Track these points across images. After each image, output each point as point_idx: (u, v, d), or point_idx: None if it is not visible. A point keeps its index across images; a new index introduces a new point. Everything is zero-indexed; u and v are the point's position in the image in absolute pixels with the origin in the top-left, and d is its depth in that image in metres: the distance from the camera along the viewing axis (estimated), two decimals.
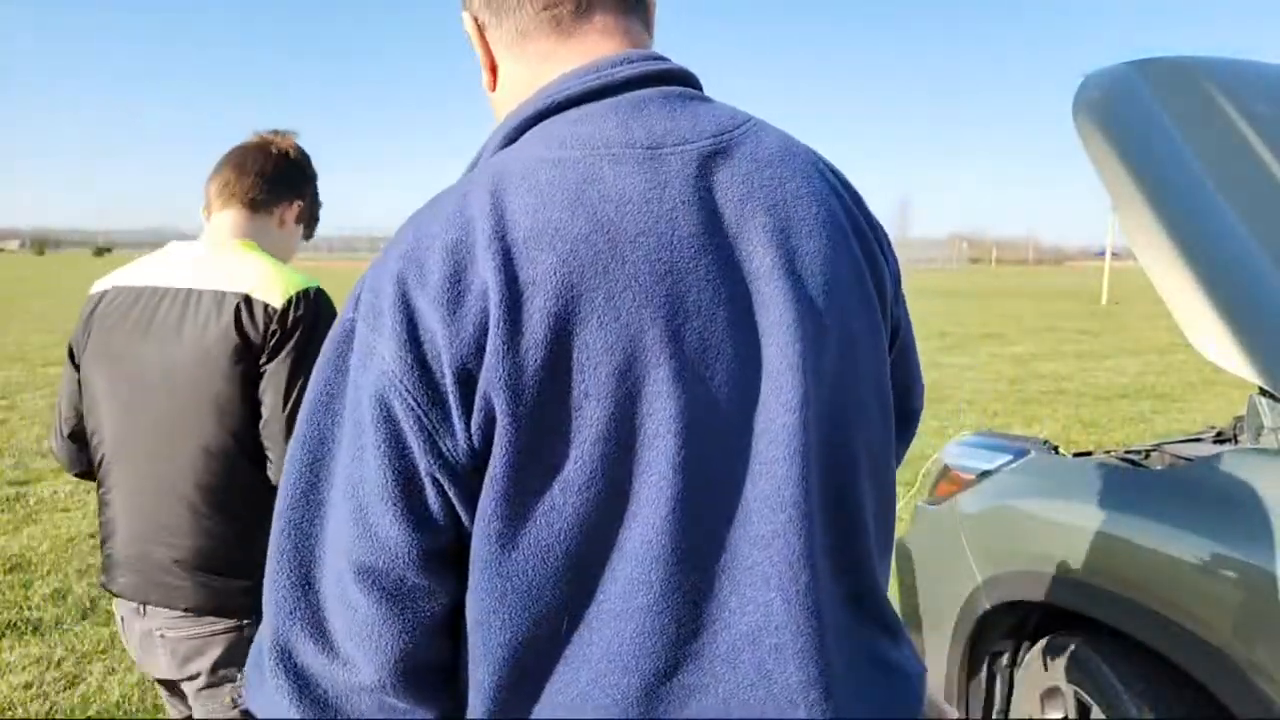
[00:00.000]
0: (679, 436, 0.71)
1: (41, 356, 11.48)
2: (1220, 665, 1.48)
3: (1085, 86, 2.00)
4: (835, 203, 0.81)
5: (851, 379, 0.79)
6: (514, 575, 0.70)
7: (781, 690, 0.73)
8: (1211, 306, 1.64)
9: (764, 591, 0.73)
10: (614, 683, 0.71)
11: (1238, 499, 1.56)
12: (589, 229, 0.71)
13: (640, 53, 0.83)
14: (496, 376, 0.68)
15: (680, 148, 0.76)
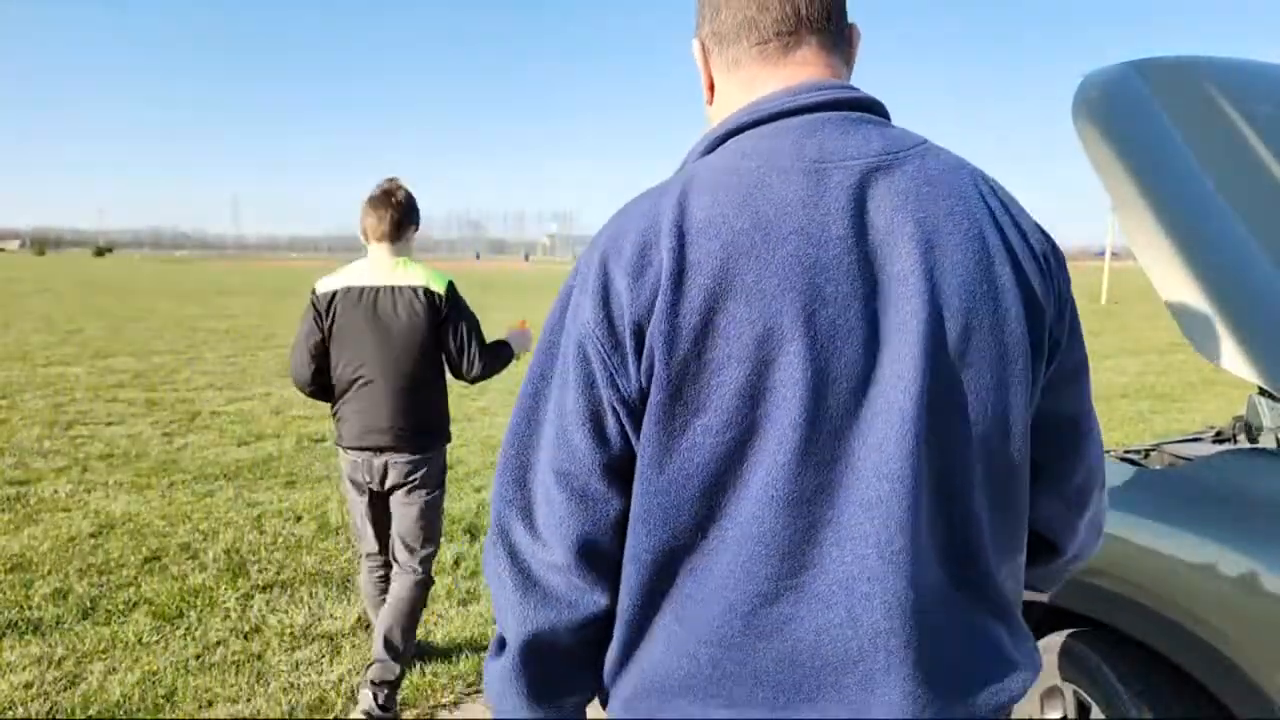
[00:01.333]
0: (802, 402, 0.84)
1: (43, 356, 11.48)
2: (1219, 664, 1.48)
3: (1085, 87, 2.00)
4: (988, 224, 0.91)
5: (975, 383, 0.88)
6: (660, 493, 0.88)
7: (867, 633, 0.85)
8: (1211, 306, 1.64)
9: (862, 546, 0.85)
10: (727, 598, 0.87)
11: (1237, 498, 1.56)
12: (749, 225, 0.87)
13: (829, 81, 0.96)
14: (659, 332, 0.86)
15: (844, 163, 0.89)
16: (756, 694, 0.88)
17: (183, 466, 6.02)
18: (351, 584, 3.94)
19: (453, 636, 3.44)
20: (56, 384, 9.36)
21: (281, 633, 3.44)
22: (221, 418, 7.76)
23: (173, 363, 11.20)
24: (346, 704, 2.93)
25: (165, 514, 4.93)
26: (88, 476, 5.72)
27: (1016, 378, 0.90)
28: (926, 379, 0.85)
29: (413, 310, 2.72)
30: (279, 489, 5.51)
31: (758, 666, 0.88)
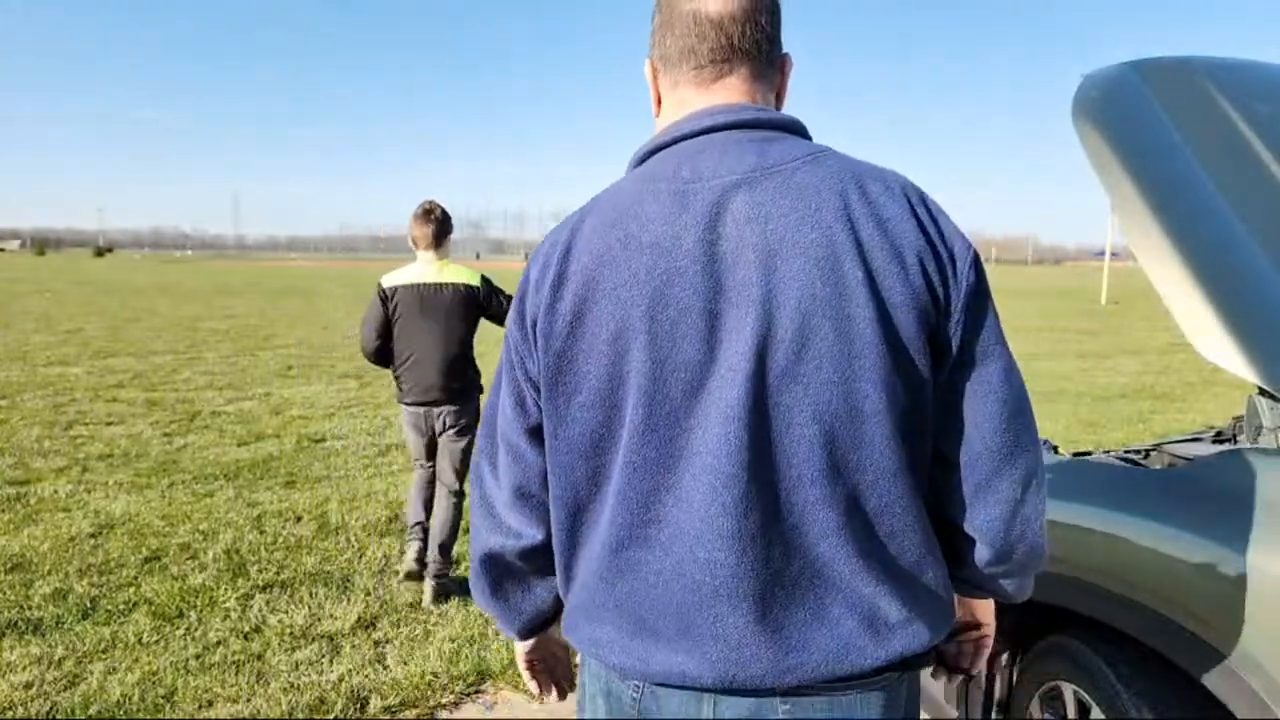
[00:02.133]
0: (643, 388, 1.03)
1: (43, 356, 11.48)
2: (1219, 664, 1.48)
3: (1084, 87, 2.00)
4: (842, 232, 1.00)
5: (813, 377, 0.99)
6: (558, 455, 1.10)
7: (689, 584, 1.03)
8: (1210, 306, 1.63)
9: (691, 509, 1.03)
10: (602, 540, 1.09)
11: (1236, 498, 1.56)
12: (616, 240, 1.05)
13: (732, 105, 1.10)
14: (542, 329, 1.08)
15: (710, 182, 1.04)
16: (620, 618, 1.08)
17: (183, 466, 6.03)
18: (351, 584, 3.94)
19: (453, 636, 3.44)
20: (56, 384, 9.36)
21: (281, 633, 3.44)
22: (221, 418, 7.76)
23: (173, 363, 11.21)
24: (347, 704, 2.93)
25: (165, 514, 4.93)
26: (88, 476, 5.73)
27: (866, 373, 0.99)
28: (756, 374, 0.99)
29: (454, 301, 3.76)
30: (279, 489, 5.51)
31: (617, 599, 1.08)
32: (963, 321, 1.03)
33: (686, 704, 1.07)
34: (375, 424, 7.61)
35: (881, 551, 1.04)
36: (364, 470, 5.99)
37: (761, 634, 1.02)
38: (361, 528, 4.73)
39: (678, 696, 1.07)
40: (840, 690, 1.05)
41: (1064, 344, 15.28)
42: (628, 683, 1.10)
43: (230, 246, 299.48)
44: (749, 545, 1.01)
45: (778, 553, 1.02)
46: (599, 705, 1.15)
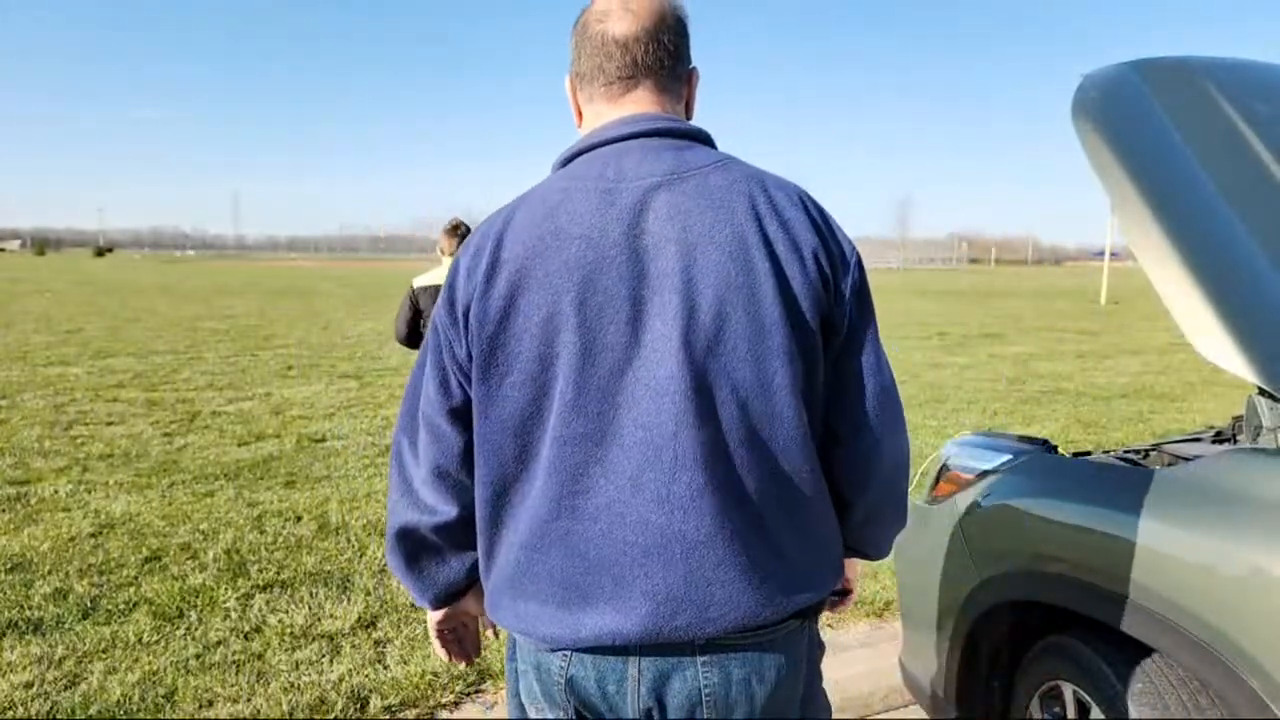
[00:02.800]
0: (573, 367, 1.11)
1: (43, 356, 11.48)
2: (1219, 664, 1.48)
3: (1084, 87, 2.00)
4: (751, 229, 1.12)
5: (730, 355, 1.11)
6: (487, 434, 1.17)
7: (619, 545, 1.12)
8: (1210, 306, 1.64)
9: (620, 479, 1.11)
10: (532, 513, 1.16)
11: (1236, 498, 1.56)
12: (547, 232, 1.15)
13: (647, 114, 1.21)
14: (475, 313, 1.15)
15: (634, 182, 1.15)
16: (550, 589, 1.15)
17: (183, 466, 6.03)
18: (351, 583, 3.95)
19: None
20: (57, 384, 9.36)
21: (282, 632, 3.44)
22: (222, 418, 7.76)
23: (173, 363, 11.21)
24: (347, 703, 2.93)
25: (165, 514, 4.93)
26: (88, 476, 5.73)
27: (774, 350, 1.11)
28: (680, 352, 1.10)
29: None
30: (279, 489, 5.51)
31: (550, 567, 1.15)
32: (849, 311, 1.17)
33: (614, 666, 1.15)
34: (375, 424, 7.61)
35: (793, 512, 1.16)
36: (364, 470, 5.99)
37: (688, 589, 1.11)
38: (362, 527, 4.74)
39: (605, 660, 1.15)
40: (751, 642, 1.15)
41: (1064, 344, 15.28)
42: (556, 653, 1.17)
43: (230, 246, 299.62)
44: (677, 507, 1.11)
45: (705, 514, 1.11)
46: (530, 680, 1.22)
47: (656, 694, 1.15)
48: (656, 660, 1.14)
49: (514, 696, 1.28)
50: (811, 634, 1.24)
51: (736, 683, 1.15)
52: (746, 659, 1.15)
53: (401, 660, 3.23)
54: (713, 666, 1.15)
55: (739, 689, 1.16)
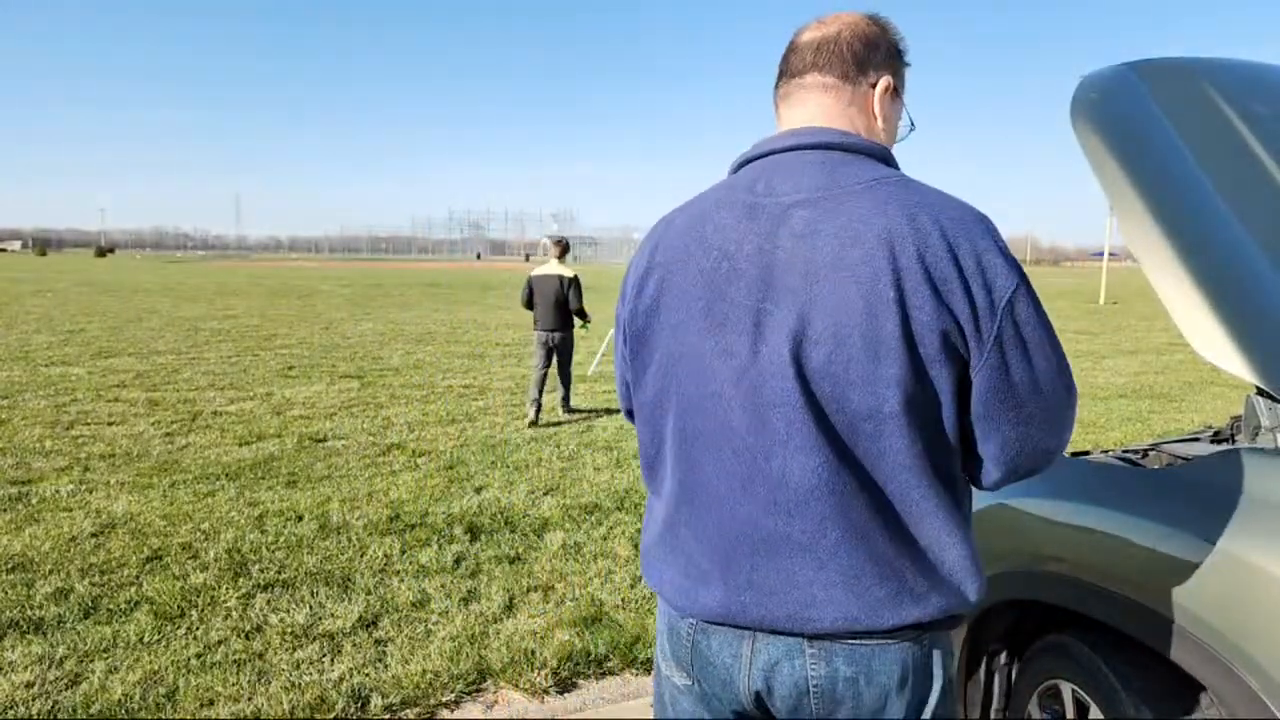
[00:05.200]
0: (697, 370, 1.22)
1: (44, 356, 11.49)
2: (1217, 663, 1.49)
3: (1083, 88, 2.00)
4: (881, 253, 1.12)
5: (842, 373, 1.13)
6: (640, 409, 1.34)
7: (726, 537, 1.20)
8: (1209, 307, 1.64)
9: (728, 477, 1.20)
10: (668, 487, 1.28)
11: (1235, 498, 1.57)
12: (692, 241, 1.25)
13: (807, 128, 1.26)
14: (630, 309, 1.32)
15: (777, 198, 1.21)
16: (680, 561, 1.27)
17: (184, 466, 6.03)
18: (352, 583, 3.95)
19: (454, 635, 3.44)
20: (58, 384, 9.37)
21: (283, 632, 3.45)
22: (223, 418, 7.77)
23: (174, 363, 11.22)
24: (348, 703, 2.93)
25: (166, 514, 4.94)
26: (89, 476, 5.73)
27: (888, 379, 1.12)
28: (791, 369, 1.14)
29: (559, 285, 7.98)
30: (280, 489, 5.52)
31: (681, 541, 1.26)
32: (990, 348, 1.14)
33: (731, 641, 1.23)
34: (376, 424, 7.62)
35: (900, 532, 1.17)
36: (365, 470, 6.00)
37: (791, 587, 1.17)
38: (363, 527, 4.74)
39: (723, 633, 1.24)
40: (861, 644, 1.18)
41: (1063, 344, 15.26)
42: (685, 620, 1.28)
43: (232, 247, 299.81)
44: (783, 512, 1.16)
45: (809, 521, 1.16)
46: (664, 641, 1.34)
47: (766, 677, 1.22)
48: (770, 643, 1.21)
49: (659, 651, 1.39)
50: (935, 655, 1.23)
51: (844, 680, 1.19)
52: (854, 658, 1.19)
53: (402, 660, 3.24)
54: (820, 660, 1.19)
55: (846, 686, 1.19)
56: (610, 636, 3.42)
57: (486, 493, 5.48)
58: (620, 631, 3.48)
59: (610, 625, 3.55)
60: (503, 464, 6.27)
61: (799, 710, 1.22)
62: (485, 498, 5.36)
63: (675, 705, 1.34)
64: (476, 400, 8.88)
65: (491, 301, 26.20)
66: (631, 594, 3.89)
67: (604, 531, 4.76)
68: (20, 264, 61.84)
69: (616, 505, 5.27)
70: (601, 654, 3.31)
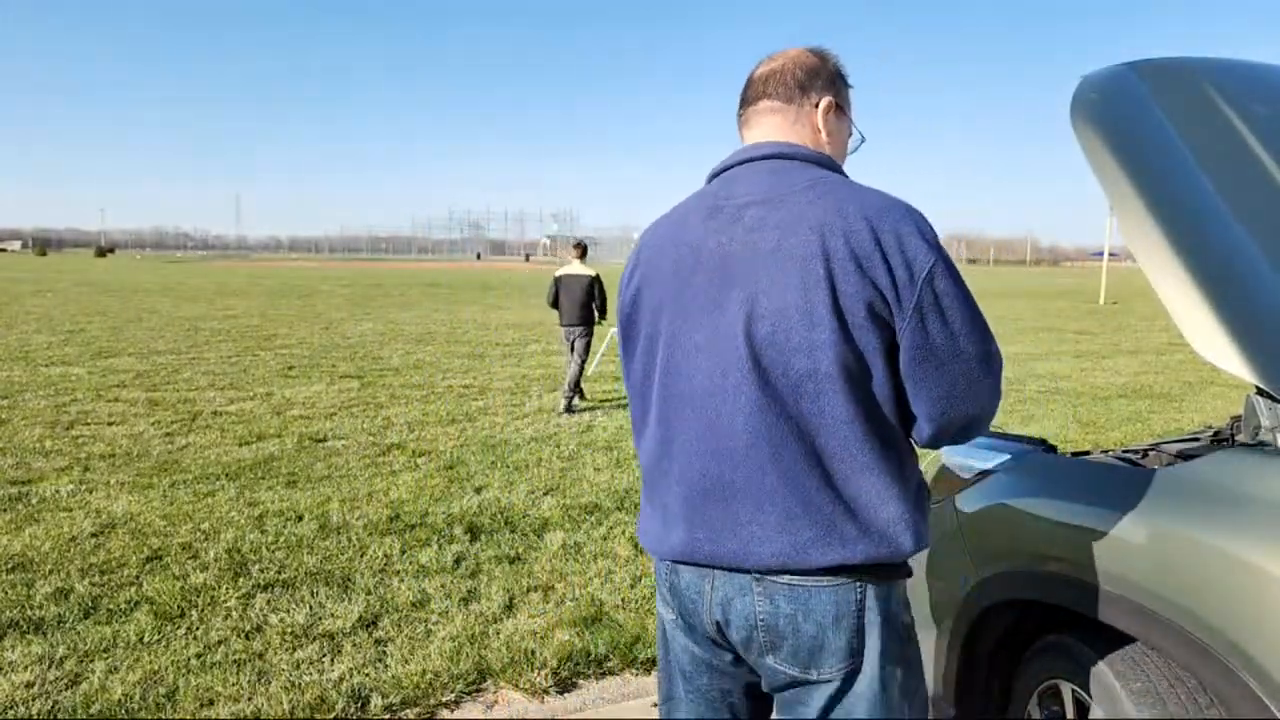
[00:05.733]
0: (670, 346, 1.43)
1: (44, 356, 11.49)
2: (1217, 663, 1.49)
3: (1083, 87, 2.00)
4: (813, 240, 1.32)
5: (785, 341, 1.32)
6: (630, 384, 1.55)
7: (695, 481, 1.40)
8: (1209, 307, 1.64)
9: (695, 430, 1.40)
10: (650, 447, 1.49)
11: (1235, 498, 1.57)
12: (666, 240, 1.48)
13: (760, 143, 1.49)
14: (620, 301, 1.54)
15: (734, 200, 1.43)
16: (657, 511, 1.48)
17: (184, 466, 6.04)
18: (352, 583, 3.95)
19: (454, 635, 3.44)
20: (58, 384, 9.37)
21: (283, 632, 3.45)
22: (223, 418, 7.77)
23: (174, 363, 11.22)
24: (348, 703, 2.94)
25: (166, 513, 4.94)
26: (89, 476, 5.74)
27: (823, 345, 1.30)
28: (742, 340, 1.34)
29: (582, 285, 8.71)
30: (280, 488, 5.52)
31: (660, 493, 1.47)
32: (911, 316, 1.31)
33: (695, 580, 1.43)
34: (376, 424, 7.62)
35: (834, 483, 1.34)
36: (365, 470, 6.00)
37: (733, 527, 1.36)
38: (363, 527, 4.74)
39: (691, 571, 1.44)
40: (798, 583, 1.35)
41: (1062, 344, 15.28)
42: (663, 562, 1.50)
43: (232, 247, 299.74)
44: (726, 461, 1.36)
45: (749, 469, 1.34)
46: (659, 581, 1.55)
47: (724, 610, 1.41)
48: (726, 580, 1.40)
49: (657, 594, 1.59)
50: (869, 596, 1.37)
51: (784, 615, 1.36)
52: (793, 596, 1.35)
53: (402, 660, 3.24)
54: (765, 597, 1.37)
55: (786, 622, 1.36)
56: (610, 636, 3.42)
57: (486, 493, 5.48)
58: (620, 631, 3.48)
59: (610, 625, 3.55)
60: (503, 464, 6.27)
61: (750, 642, 1.40)
62: (485, 498, 5.36)
63: (672, 640, 1.54)
64: (476, 400, 8.88)
65: (491, 301, 26.19)
66: (631, 594, 3.89)
67: (604, 531, 4.76)
68: (20, 264, 61.82)
69: (616, 505, 5.27)
70: (601, 654, 3.31)
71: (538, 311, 21.81)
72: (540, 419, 7.99)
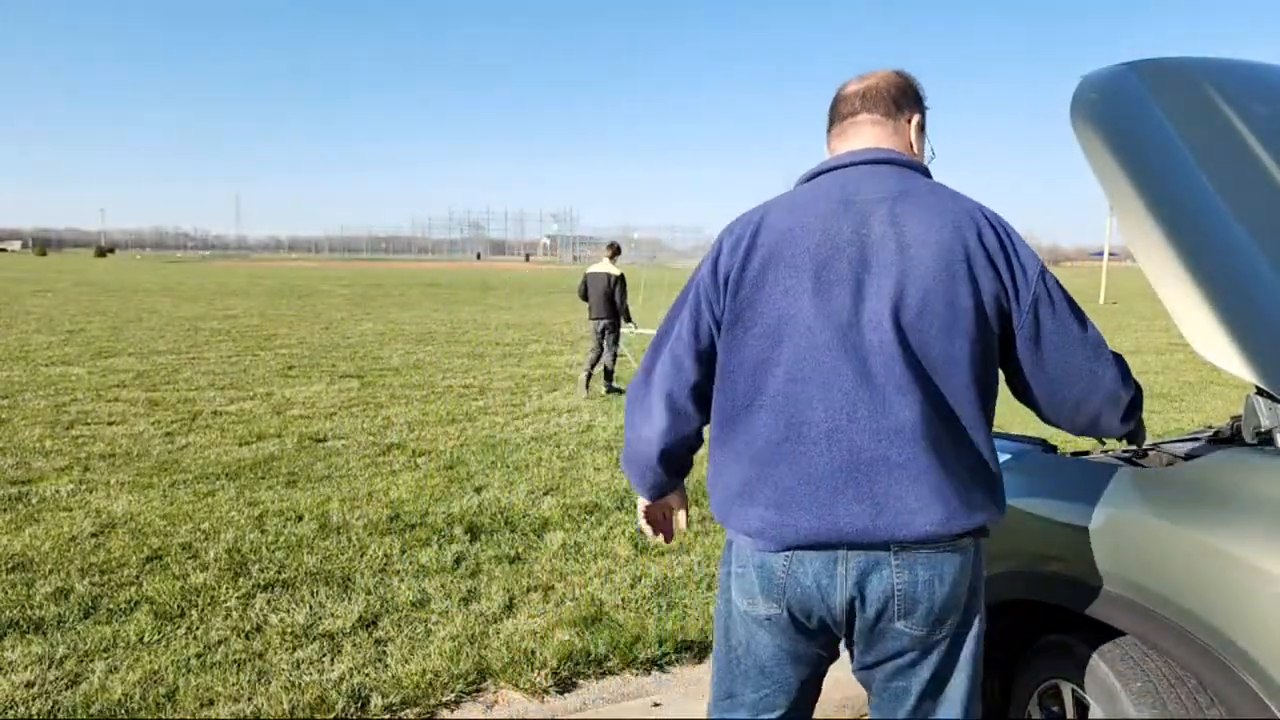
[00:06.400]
0: (808, 327, 1.47)
1: (44, 356, 11.49)
2: (1217, 664, 1.49)
3: (1083, 87, 2.00)
4: (951, 236, 1.47)
5: (929, 328, 1.45)
6: (728, 374, 1.55)
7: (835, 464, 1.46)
8: (1209, 307, 1.64)
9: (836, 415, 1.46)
10: (762, 438, 1.51)
11: (1235, 498, 1.57)
12: (794, 226, 1.53)
13: (865, 149, 1.61)
14: (734, 281, 1.54)
15: (863, 196, 1.54)
16: (775, 496, 1.49)
17: (184, 466, 6.03)
18: (352, 583, 3.95)
19: (454, 635, 3.44)
20: (58, 384, 9.37)
21: (283, 632, 3.45)
22: (223, 417, 7.77)
23: (174, 363, 11.22)
24: (348, 703, 2.94)
25: (166, 513, 4.94)
26: (89, 476, 5.73)
27: (962, 331, 1.46)
28: (891, 324, 1.44)
29: (608, 282, 9.61)
30: (280, 488, 5.52)
31: (777, 478, 1.49)
32: (1027, 312, 1.49)
33: (827, 564, 1.48)
34: (376, 424, 7.62)
35: (967, 455, 1.49)
36: (365, 470, 6.00)
37: (888, 500, 1.44)
38: (363, 527, 4.74)
39: (819, 557, 1.48)
40: (934, 550, 1.47)
41: None
42: (780, 554, 1.50)
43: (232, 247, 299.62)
44: (883, 438, 1.44)
45: (904, 445, 1.44)
46: (750, 579, 1.55)
47: (859, 586, 1.47)
48: (861, 559, 1.46)
49: (724, 594, 1.65)
50: (979, 553, 1.57)
51: (922, 583, 1.47)
52: (931, 563, 1.47)
53: (402, 659, 3.24)
54: (904, 567, 1.46)
55: (924, 588, 1.47)
56: (610, 636, 3.42)
57: (486, 492, 5.48)
58: (620, 631, 3.48)
59: (610, 625, 3.55)
60: (503, 464, 6.27)
61: (884, 612, 1.48)
62: (485, 497, 5.36)
63: (752, 640, 1.60)
64: (476, 400, 8.88)
65: (491, 301, 26.19)
66: (631, 594, 3.89)
67: (604, 531, 4.76)
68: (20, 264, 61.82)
69: (616, 505, 5.27)
70: (601, 654, 3.31)
71: (538, 311, 21.82)
72: (540, 419, 7.99)
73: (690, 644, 3.43)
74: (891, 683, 1.58)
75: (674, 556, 4.37)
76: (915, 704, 1.57)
